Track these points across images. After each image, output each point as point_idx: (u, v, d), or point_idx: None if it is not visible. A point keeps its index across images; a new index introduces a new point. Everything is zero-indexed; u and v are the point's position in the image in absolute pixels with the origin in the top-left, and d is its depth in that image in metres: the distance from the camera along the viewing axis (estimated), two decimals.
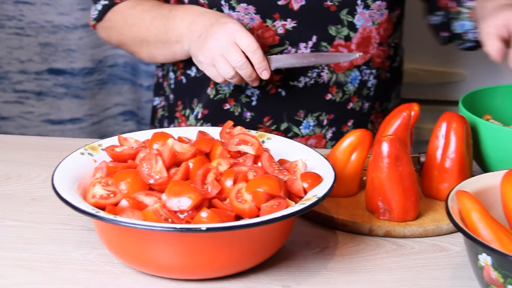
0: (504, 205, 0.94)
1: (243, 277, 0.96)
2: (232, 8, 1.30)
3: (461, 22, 1.35)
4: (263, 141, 1.11)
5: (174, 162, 1.00)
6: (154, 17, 1.32)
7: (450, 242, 1.05)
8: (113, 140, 1.09)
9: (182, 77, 1.43)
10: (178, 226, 0.87)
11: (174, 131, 1.11)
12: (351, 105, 1.37)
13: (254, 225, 0.88)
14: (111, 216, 0.89)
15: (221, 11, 1.31)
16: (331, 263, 1.00)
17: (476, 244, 0.83)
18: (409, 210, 1.06)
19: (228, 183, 0.97)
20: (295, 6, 1.30)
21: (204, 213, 0.90)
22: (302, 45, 1.32)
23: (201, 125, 1.40)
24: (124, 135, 1.09)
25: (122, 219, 0.88)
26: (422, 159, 1.18)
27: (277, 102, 1.36)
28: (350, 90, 1.36)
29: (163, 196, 0.94)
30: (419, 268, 0.99)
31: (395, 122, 1.14)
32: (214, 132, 1.13)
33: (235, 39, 1.19)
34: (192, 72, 1.40)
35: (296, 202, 0.95)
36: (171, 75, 1.47)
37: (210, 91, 1.39)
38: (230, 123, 1.11)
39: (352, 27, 1.32)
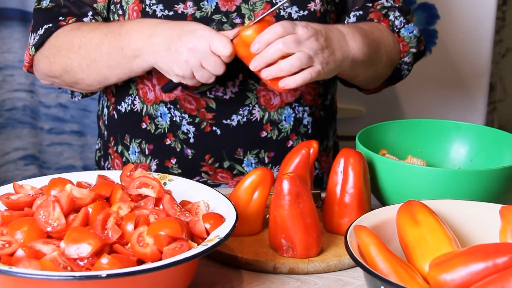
0: (400, 237, 0.97)
1: None
2: None
3: None
4: (164, 183, 1.11)
5: (73, 208, 0.97)
6: (105, 34, 1.27)
7: (352, 276, 1.07)
8: (8, 188, 1.05)
9: (114, 113, 1.40)
10: (77, 274, 0.85)
11: (73, 176, 1.09)
12: (290, 143, 1.36)
13: (156, 269, 0.87)
14: (5, 267, 0.86)
15: None
16: None
17: (374, 277, 0.85)
18: (312, 246, 1.07)
19: (129, 227, 0.96)
20: None
21: (104, 259, 0.89)
22: (229, 83, 1.31)
23: (150, 161, 1.37)
24: (20, 182, 1.06)
25: (18, 270, 0.85)
26: (323, 195, 1.20)
27: (214, 140, 1.34)
28: (286, 128, 1.36)
29: (62, 244, 0.91)
30: None
31: (295, 159, 1.16)
32: (114, 175, 1.11)
33: (211, 46, 1.16)
34: (122, 108, 1.38)
35: (198, 244, 0.95)
36: (105, 111, 1.44)
37: (150, 126, 1.36)
38: (130, 166, 1.10)
39: None
